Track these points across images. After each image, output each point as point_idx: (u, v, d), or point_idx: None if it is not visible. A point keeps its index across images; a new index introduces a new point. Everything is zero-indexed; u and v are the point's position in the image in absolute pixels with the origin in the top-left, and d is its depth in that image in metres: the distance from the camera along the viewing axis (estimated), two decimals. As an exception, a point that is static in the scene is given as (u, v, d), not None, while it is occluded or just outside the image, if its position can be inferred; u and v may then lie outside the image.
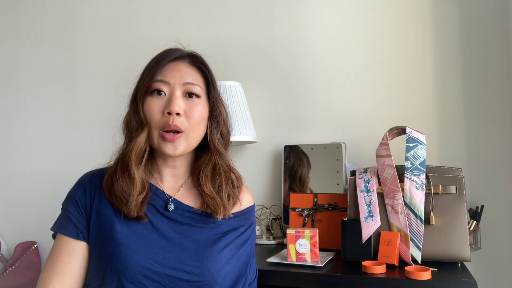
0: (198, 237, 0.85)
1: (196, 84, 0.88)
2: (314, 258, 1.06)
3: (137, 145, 0.84)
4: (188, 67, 0.89)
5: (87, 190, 0.87)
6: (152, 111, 0.85)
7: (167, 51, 0.91)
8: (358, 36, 1.53)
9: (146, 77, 0.87)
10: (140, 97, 0.86)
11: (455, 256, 1.05)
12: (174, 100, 0.84)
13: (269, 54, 1.63)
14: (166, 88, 0.86)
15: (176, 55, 0.89)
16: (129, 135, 0.87)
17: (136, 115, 0.87)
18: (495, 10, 1.38)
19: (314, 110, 1.56)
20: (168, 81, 0.86)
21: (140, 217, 0.83)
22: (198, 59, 0.92)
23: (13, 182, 1.94)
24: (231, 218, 0.92)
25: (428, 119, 1.43)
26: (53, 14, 1.93)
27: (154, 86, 0.86)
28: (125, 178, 0.84)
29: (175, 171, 0.92)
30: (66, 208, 0.87)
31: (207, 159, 0.91)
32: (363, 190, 1.14)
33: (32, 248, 1.77)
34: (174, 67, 0.88)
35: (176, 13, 1.76)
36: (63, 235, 0.85)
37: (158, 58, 0.89)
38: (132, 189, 0.82)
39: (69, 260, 0.83)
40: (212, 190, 0.88)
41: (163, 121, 0.84)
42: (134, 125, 0.87)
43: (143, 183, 0.85)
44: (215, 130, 0.91)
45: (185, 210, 0.88)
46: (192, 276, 0.81)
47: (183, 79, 0.87)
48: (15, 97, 1.96)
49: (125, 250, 0.80)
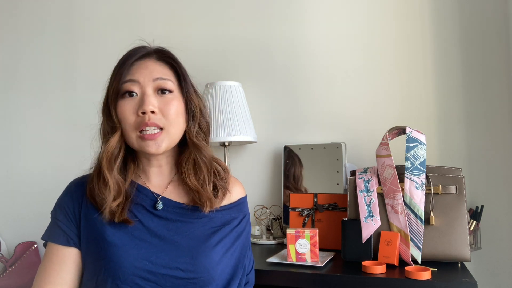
0: (191, 233, 0.85)
1: (167, 79, 0.86)
2: (314, 258, 1.06)
3: (107, 150, 0.83)
4: (156, 63, 0.87)
5: (75, 197, 0.87)
6: (126, 113, 0.83)
7: (132, 50, 0.88)
8: (358, 36, 1.53)
9: (114, 80, 0.84)
10: (111, 102, 0.84)
11: (455, 256, 1.05)
12: (146, 99, 0.82)
13: (269, 54, 1.63)
14: (137, 88, 0.83)
15: (142, 53, 0.87)
16: (103, 140, 0.86)
17: (109, 120, 0.85)
18: (495, 10, 1.38)
19: (314, 110, 1.56)
20: (137, 80, 0.83)
21: (125, 220, 0.82)
22: (165, 53, 0.89)
23: (13, 182, 1.94)
24: (223, 211, 0.91)
25: (428, 119, 1.43)
26: (53, 14, 1.93)
27: (124, 88, 0.83)
28: (101, 184, 0.83)
29: (160, 169, 0.91)
30: (55, 216, 0.87)
31: (187, 154, 0.89)
32: (363, 190, 1.14)
33: (32, 248, 1.77)
34: (141, 65, 0.85)
35: (176, 13, 1.76)
36: (53, 243, 0.85)
37: (124, 59, 0.86)
38: (106, 195, 0.82)
39: (61, 268, 0.82)
40: (196, 184, 0.87)
41: (138, 121, 0.83)
42: (107, 129, 0.85)
43: (119, 188, 0.83)
44: (192, 124, 0.89)
45: (175, 207, 0.88)
46: (188, 273, 0.80)
47: (152, 75, 0.84)
48: (15, 97, 1.96)
49: (118, 252, 0.79)
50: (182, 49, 0.95)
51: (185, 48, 0.92)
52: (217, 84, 1.46)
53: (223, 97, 1.44)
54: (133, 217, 0.84)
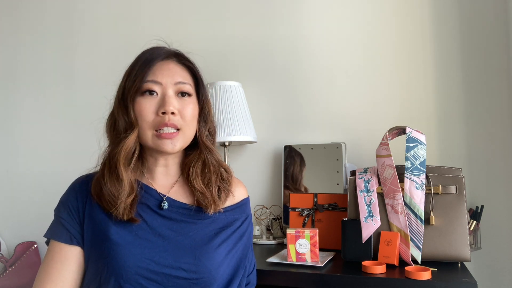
0: (194, 234, 0.85)
1: (187, 83, 0.88)
2: (314, 258, 1.06)
3: (125, 146, 0.83)
4: (177, 66, 0.89)
5: (79, 195, 0.87)
6: (145, 111, 0.84)
7: (154, 50, 0.90)
8: (358, 36, 1.53)
9: (136, 78, 0.85)
10: (130, 98, 0.85)
11: (455, 256, 1.05)
12: (168, 100, 0.84)
13: (269, 54, 1.63)
14: (158, 88, 0.85)
15: (164, 55, 0.88)
16: (116, 136, 0.86)
17: (125, 116, 0.85)
18: (495, 10, 1.38)
19: (314, 110, 1.56)
20: (160, 81, 0.85)
21: (132, 219, 0.83)
22: (185, 57, 0.92)
23: (13, 182, 1.94)
24: (226, 212, 0.92)
25: (428, 119, 1.43)
26: (53, 15, 1.93)
27: (145, 86, 0.85)
28: (113, 181, 0.83)
29: (166, 169, 0.92)
30: (58, 214, 0.87)
31: (197, 156, 0.91)
32: (363, 190, 1.14)
33: (32, 248, 1.77)
34: (164, 67, 0.87)
35: (176, 13, 1.76)
36: (56, 241, 0.85)
37: (147, 58, 0.87)
38: (120, 191, 0.82)
39: (63, 267, 0.82)
40: (202, 186, 0.88)
41: (157, 121, 0.84)
42: (122, 126, 0.85)
43: (131, 185, 0.84)
44: (204, 127, 0.91)
45: (180, 207, 0.88)
46: (190, 274, 0.81)
47: (174, 78, 0.86)
48: (15, 97, 1.96)
49: (121, 251, 0.80)
50: (182, 49, 0.95)
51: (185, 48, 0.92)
52: (217, 84, 1.46)
53: (223, 97, 1.44)
54: (138, 216, 0.84)
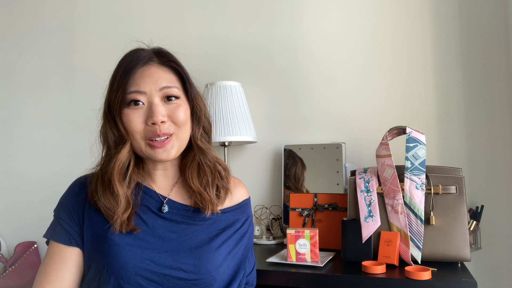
0: (195, 235, 0.85)
1: (173, 86, 0.84)
2: (314, 258, 1.06)
3: (119, 162, 0.81)
4: (160, 68, 0.85)
5: (79, 197, 0.86)
6: (134, 123, 0.81)
7: (133, 55, 0.85)
8: (358, 36, 1.53)
9: (118, 89, 0.81)
10: (116, 110, 0.82)
11: (455, 256, 1.05)
12: (155, 109, 0.81)
13: (269, 54, 1.63)
14: (143, 98, 0.82)
15: (145, 59, 0.84)
16: (108, 151, 0.84)
17: (115, 129, 0.83)
18: (495, 10, 1.38)
19: (314, 110, 1.56)
20: (143, 91, 0.81)
21: (133, 229, 0.82)
22: (167, 56, 0.87)
23: (13, 182, 1.94)
24: (227, 213, 0.91)
25: (428, 119, 1.43)
26: (53, 14, 1.93)
27: (129, 98, 0.81)
28: (108, 196, 0.81)
29: (165, 172, 0.91)
30: (58, 215, 0.87)
31: (192, 157, 0.89)
32: (363, 190, 1.14)
33: (32, 248, 1.77)
34: (145, 73, 0.83)
35: (176, 13, 1.76)
36: (55, 242, 0.84)
37: (126, 66, 0.83)
38: (116, 207, 0.80)
39: (62, 268, 0.82)
40: (199, 187, 0.87)
41: (148, 131, 0.82)
42: (112, 140, 0.83)
43: (127, 199, 0.82)
44: (197, 127, 0.89)
45: (180, 209, 0.88)
46: (190, 275, 0.81)
47: (158, 84, 0.82)
48: (14, 98, 1.96)
49: (121, 251, 0.79)
50: (182, 49, 0.95)
51: (185, 48, 0.91)
52: (217, 84, 1.46)
53: (223, 97, 1.44)
54: (138, 219, 0.84)
